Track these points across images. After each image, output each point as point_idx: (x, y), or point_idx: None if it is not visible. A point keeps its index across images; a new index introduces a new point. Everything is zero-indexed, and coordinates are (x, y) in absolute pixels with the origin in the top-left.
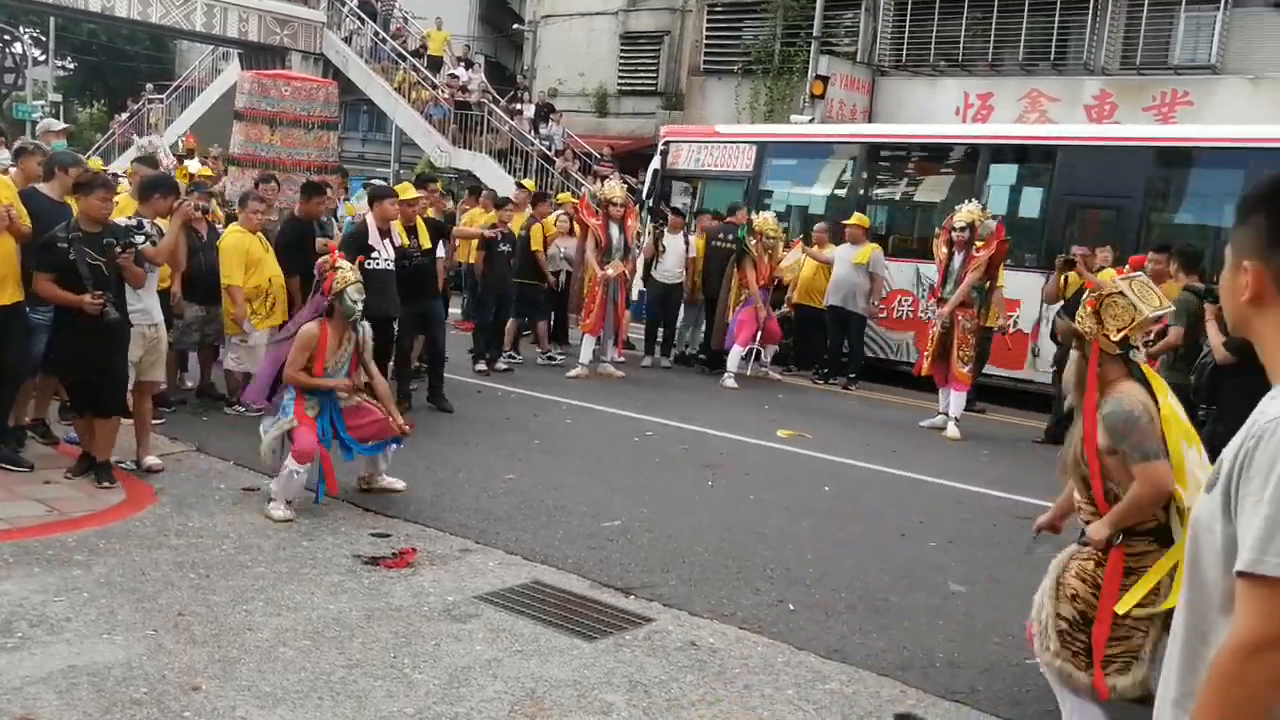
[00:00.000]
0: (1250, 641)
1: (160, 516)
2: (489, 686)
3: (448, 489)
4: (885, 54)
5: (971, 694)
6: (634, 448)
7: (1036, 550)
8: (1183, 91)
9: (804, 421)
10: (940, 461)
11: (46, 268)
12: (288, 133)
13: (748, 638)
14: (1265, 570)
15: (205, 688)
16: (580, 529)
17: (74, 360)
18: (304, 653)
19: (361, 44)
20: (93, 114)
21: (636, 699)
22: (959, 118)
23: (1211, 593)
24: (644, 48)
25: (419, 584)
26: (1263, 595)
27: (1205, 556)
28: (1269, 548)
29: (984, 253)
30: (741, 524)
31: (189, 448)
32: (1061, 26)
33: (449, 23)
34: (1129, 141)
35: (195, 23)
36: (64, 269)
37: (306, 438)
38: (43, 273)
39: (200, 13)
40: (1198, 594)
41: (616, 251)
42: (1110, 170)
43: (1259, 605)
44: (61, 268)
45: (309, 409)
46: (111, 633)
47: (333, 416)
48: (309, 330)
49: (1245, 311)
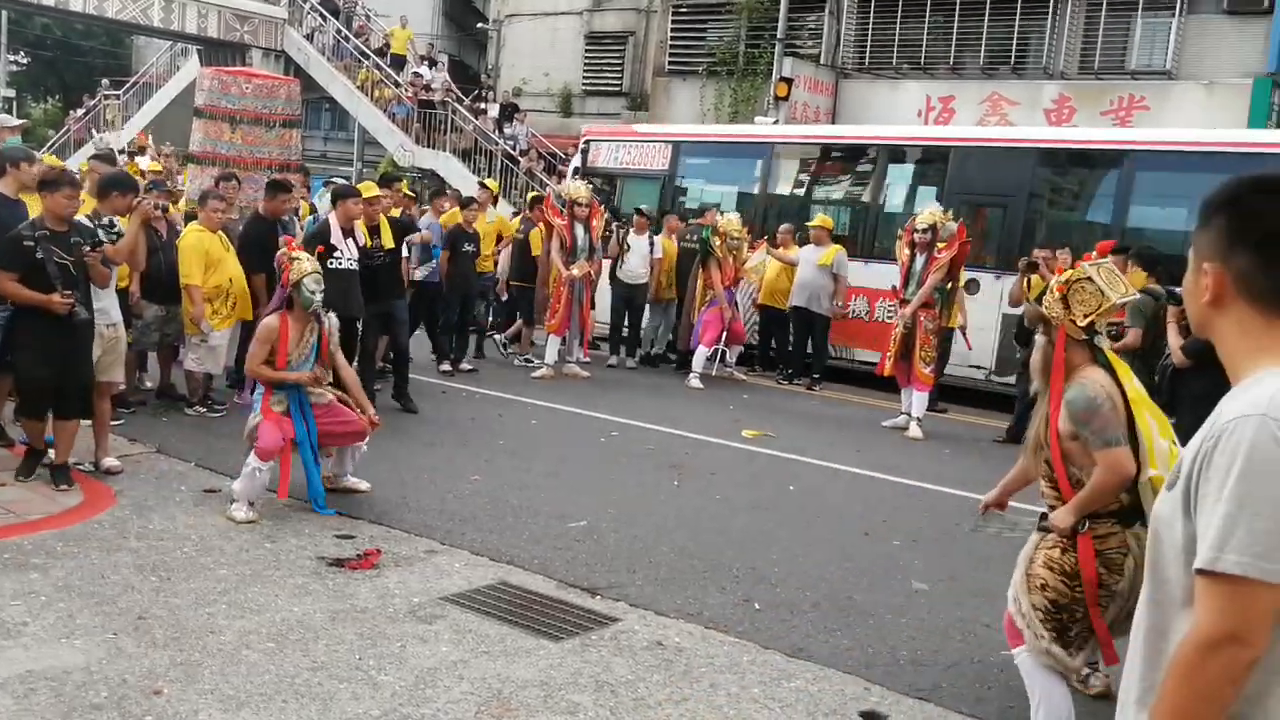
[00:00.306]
0: (1208, 637)
1: (120, 519)
2: (455, 688)
3: (413, 490)
4: (848, 56)
5: (935, 691)
6: (600, 448)
7: (984, 529)
8: (1139, 96)
9: (769, 421)
10: (903, 461)
11: (11, 267)
12: (249, 131)
13: (714, 637)
14: (1223, 567)
15: (167, 691)
16: (546, 529)
17: (36, 361)
18: (268, 655)
19: (324, 41)
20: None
21: (603, 699)
22: (921, 120)
23: (1173, 590)
24: (609, 48)
25: (384, 585)
26: (1220, 592)
27: (1166, 554)
28: (1226, 545)
29: (946, 254)
30: (707, 523)
31: (149, 449)
32: (1022, 31)
33: (412, 21)
34: (1014, 143)
35: (153, 18)
36: (30, 268)
37: (270, 435)
38: (6, 272)
39: (158, 8)
40: (1159, 592)
41: (582, 252)
42: (997, 170)
43: (1217, 602)
44: (27, 266)
45: (275, 404)
46: (70, 636)
47: (305, 414)
48: (268, 323)
49: (1206, 313)
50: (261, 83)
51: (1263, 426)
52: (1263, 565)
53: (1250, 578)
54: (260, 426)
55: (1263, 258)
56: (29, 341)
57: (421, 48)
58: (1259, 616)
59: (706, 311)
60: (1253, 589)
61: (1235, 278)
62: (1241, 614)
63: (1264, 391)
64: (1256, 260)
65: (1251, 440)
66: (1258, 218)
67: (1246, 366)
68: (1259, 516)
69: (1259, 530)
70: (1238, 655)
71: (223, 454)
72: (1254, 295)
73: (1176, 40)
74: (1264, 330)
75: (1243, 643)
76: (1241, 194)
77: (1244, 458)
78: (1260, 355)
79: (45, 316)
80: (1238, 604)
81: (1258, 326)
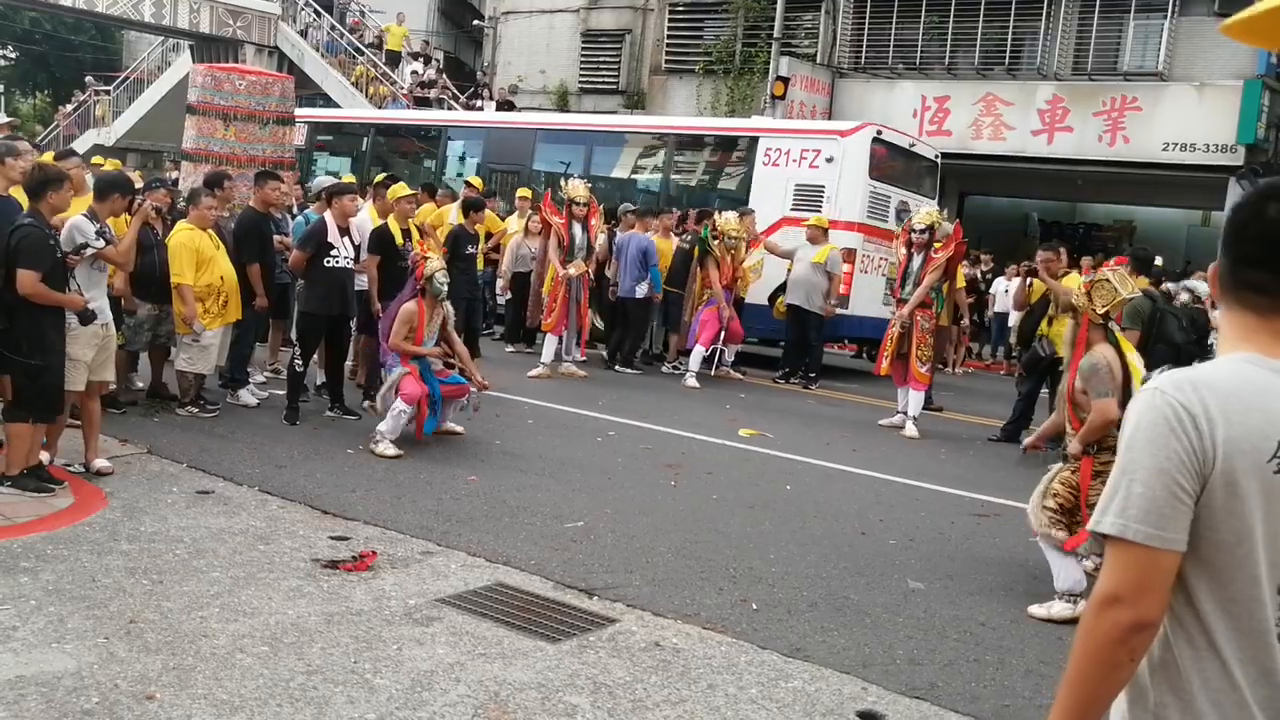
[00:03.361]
0: (1097, 596)
1: (111, 521)
2: (452, 690)
3: (408, 490)
4: (844, 56)
5: (931, 690)
6: (596, 448)
7: (1024, 465)
8: (1131, 97)
9: (765, 421)
10: (899, 460)
11: (42, 266)
12: (242, 128)
13: (711, 637)
14: (1103, 529)
15: (160, 696)
16: (543, 530)
17: (57, 364)
18: (262, 659)
19: (318, 37)
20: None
21: (601, 700)
22: (916, 120)
23: None
24: (605, 46)
25: (379, 587)
26: (1110, 555)
27: None
28: (1108, 509)
29: (942, 254)
30: (704, 523)
31: (140, 450)
32: (1016, 32)
33: (409, 18)
34: (519, 125)
35: (144, 13)
36: (54, 268)
37: (412, 384)
38: (35, 270)
39: (149, 3)
40: None
41: (579, 251)
42: (510, 145)
43: (1107, 563)
44: (53, 266)
45: None
46: (61, 641)
47: (429, 377)
48: (410, 308)
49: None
50: (255, 79)
51: (1152, 397)
52: (1135, 528)
53: (1127, 539)
54: (405, 379)
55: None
56: (51, 343)
57: (416, 44)
58: (1142, 580)
59: (704, 311)
60: (1131, 550)
61: (1228, 273)
62: (1123, 575)
63: (1181, 371)
64: (1234, 261)
65: (1139, 410)
66: (1258, 218)
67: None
68: (1136, 481)
69: (1135, 494)
70: (1119, 615)
71: (215, 455)
72: (1248, 291)
73: (1168, 42)
74: (1253, 327)
75: (1124, 603)
76: (1252, 198)
77: (1132, 425)
78: (1235, 348)
79: (51, 316)
80: (1119, 565)
81: (1247, 323)
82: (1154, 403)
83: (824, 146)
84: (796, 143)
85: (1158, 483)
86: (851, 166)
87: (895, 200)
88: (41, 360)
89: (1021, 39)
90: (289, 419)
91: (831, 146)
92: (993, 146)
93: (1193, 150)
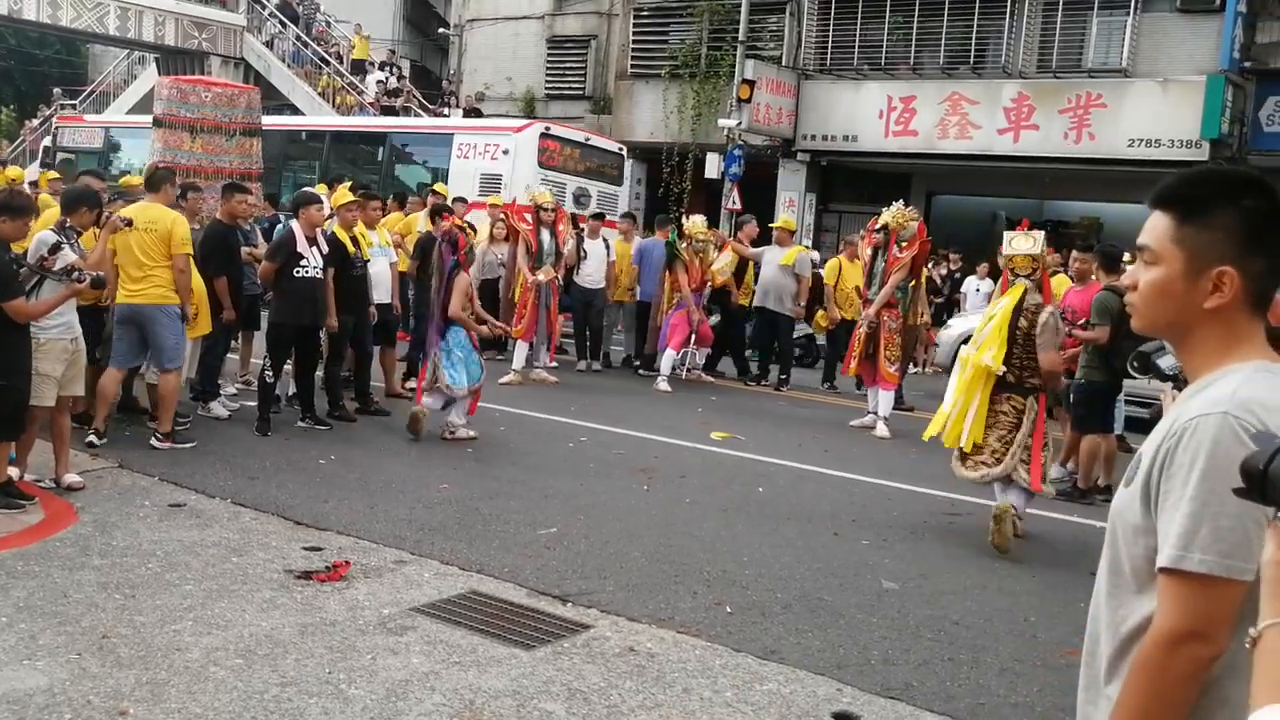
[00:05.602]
0: (1173, 634)
1: (82, 536)
2: (427, 699)
3: (381, 499)
4: (810, 58)
5: (906, 690)
6: (569, 453)
7: None
8: (1096, 94)
9: (737, 423)
10: (871, 460)
11: (18, 290)
12: (209, 140)
13: (686, 641)
14: (1188, 566)
15: (133, 711)
16: (516, 537)
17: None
18: (236, 672)
19: (284, 48)
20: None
21: (576, 707)
22: (882, 121)
23: (1129, 582)
24: (571, 52)
25: (353, 597)
26: (1185, 591)
27: (1122, 549)
28: (1192, 544)
29: (907, 253)
30: (678, 527)
31: (111, 464)
32: (980, 31)
33: (373, 26)
34: (363, 128)
35: (109, 26)
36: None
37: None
38: (14, 298)
39: (114, 16)
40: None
41: (548, 257)
42: (360, 145)
43: (1181, 600)
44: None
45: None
46: (33, 658)
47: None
48: (464, 279)
49: (1195, 315)
50: (221, 91)
51: (1224, 423)
52: (1228, 563)
53: (1216, 575)
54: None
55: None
56: (13, 363)
57: (382, 53)
58: (1223, 614)
59: (674, 314)
60: (1217, 586)
61: (1247, 281)
62: (1206, 612)
63: (1224, 389)
64: (1273, 264)
65: (1214, 438)
66: (1274, 220)
67: (1211, 364)
68: (1223, 514)
69: (1223, 528)
70: (1200, 652)
71: (187, 467)
72: (1254, 298)
73: (1132, 38)
74: (1245, 331)
75: (1206, 640)
76: (1245, 194)
77: (1206, 456)
78: (1227, 355)
79: (13, 335)
80: (1202, 602)
81: (1241, 328)
82: (1231, 427)
83: (502, 141)
84: (482, 138)
85: (1248, 515)
86: (524, 158)
87: (572, 187)
88: (4, 380)
89: (986, 38)
90: (260, 430)
91: (507, 141)
92: (959, 146)
93: (1158, 146)
